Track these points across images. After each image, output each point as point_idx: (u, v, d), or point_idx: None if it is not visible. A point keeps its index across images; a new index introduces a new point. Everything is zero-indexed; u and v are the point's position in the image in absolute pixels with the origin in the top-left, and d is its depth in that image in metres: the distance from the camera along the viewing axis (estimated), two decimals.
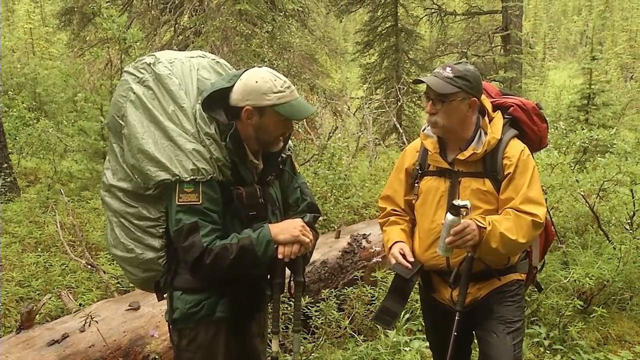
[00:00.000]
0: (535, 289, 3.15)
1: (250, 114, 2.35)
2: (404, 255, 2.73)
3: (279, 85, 2.34)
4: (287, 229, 2.36)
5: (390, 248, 2.80)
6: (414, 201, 2.84)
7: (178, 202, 2.28)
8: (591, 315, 4.69)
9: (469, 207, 2.49)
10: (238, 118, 2.36)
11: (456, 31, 20.67)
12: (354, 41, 22.06)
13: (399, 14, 17.88)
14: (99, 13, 8.54)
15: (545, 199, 2.83)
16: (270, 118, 2.35)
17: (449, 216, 2.52)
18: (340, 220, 6.13)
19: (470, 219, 2.56)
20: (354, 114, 13.02)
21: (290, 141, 2.64)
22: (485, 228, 2.53)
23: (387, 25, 18.21)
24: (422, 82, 2.64)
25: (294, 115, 2.36)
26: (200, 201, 2.27)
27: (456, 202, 2.50)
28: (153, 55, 2.59)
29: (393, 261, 2.73)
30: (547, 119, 2.90)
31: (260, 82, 2.33)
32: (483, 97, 2.74)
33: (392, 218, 2.90)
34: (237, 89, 2.36)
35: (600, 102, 11.47)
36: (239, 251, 2.27)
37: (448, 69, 2.61)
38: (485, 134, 2.67)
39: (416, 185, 2.82)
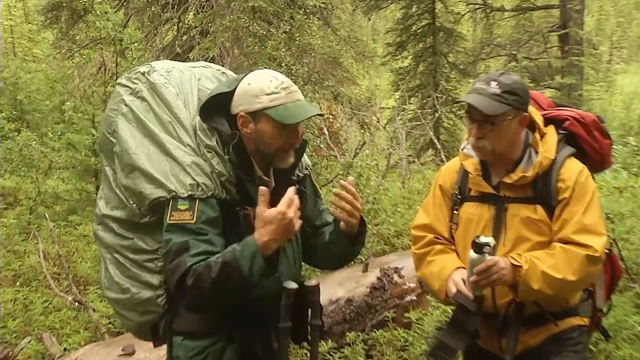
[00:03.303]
0: (602, 337, 3.11)
1: (244, 120, 2.36)
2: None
3: (273, 86, 2.34)
4: (272, 225, 2.20)
5: (449, 276, 2.75)
6: (452, 231, 2.85)
7: (169, 220, 2.28)
8: None
9: (492, 246, 2.51)
10: (240, 129, 2.39)
11: (504, 30, 20.67)
12: (384, 42, 22.11)
13: (436, 10, 17.92)
14: (91, 9, 8.67)
15: (612, 229, 2.81)
16: (265, 125, 2.35)
17: (472, 254, 2.54)
18: (369, 251, 6.13)
19: (510, 255, 2.58)
20: (384, 127, 13.02)
21: (307, 158, 2.67)
22: (521, 267, 2.54)
23: (423, 24, 18.25)
24: (466, 102, 2.63)
25: (287, 118, 2.32)
26: (194, 220, 2.26)
27: (479, 239, 2.51)
28: (148, 64, 2.67)
29: (454, 289, 2.67)
30: (611, 134, 2.89)
31: (253, 83, 2.37)
32: (532, 109, 2.74)
33: (439, 247, 2.88)
34: (234, 95, 2.40)
35: None
36: (222, 268, 2.19)
37: (493, 84, 2.61)
38: (536, 153, 2.68)
39: (455, 212, 2.83)
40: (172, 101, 2.48)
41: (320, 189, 8.46)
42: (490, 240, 2.51)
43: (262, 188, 2.25)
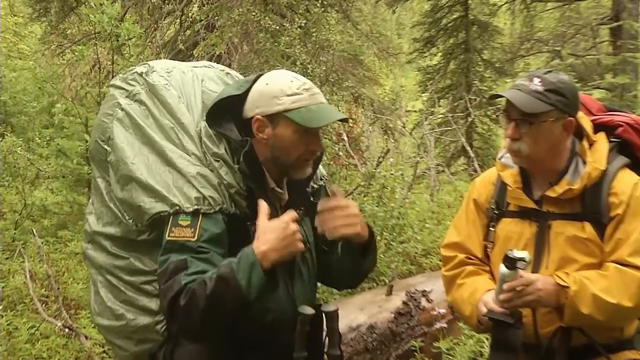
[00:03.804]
0: None
1: (260, 124, 2.37)
2: None
3: (295, 87, 2.36)
4: (271, 236, 2.22)
5: (480, 300, 2.73)
6: (488, 250, 2.85)
7: (168, 237, 2.28)
8: None
9: (527, 261, 2.49)
10: (252, 133, 2.40)
11: (547, 23, 20.59)
12: (410, 37, 22.12)
13: (470, 1, 17.92)
14: (84, 1, 8.75)
15: None
16: (285, 129, 2.36)
17: (502, 268, 2.53)
18: (393, 272, 6.14)
19: (556, 273, 2.57)
20: (410, 133, 13.03)
21: (323, 168, 2.69)
22: (569, 287, 2.53)
23: (454, 17, 18.25)
24: (501, 96, 2.66)
25: (311, 121, 2.34)
26: (196, 238, 2.26)
27: (512, 252, 2.50)
28: (146, 64, 2.70)
29: (484, 309, 2.67)
30: None
31: (271, 84, 2.38)
32: (580, 114, 2.74)
33: (470, 268, 2.88)
34: (249, 97, 2.42)
35: None
36: (217, 283, 2.17)
37: (536, 80, 2.61)
38: (584, 163, 2.67)
39: (491, 229, 2.84)
40: (174, 105, 2.50)
41: None
42: (525, 254, 2.50)
43: (260, 201, 2.28)
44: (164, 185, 2.34)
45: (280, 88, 2.35)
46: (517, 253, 2.50)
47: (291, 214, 2.26)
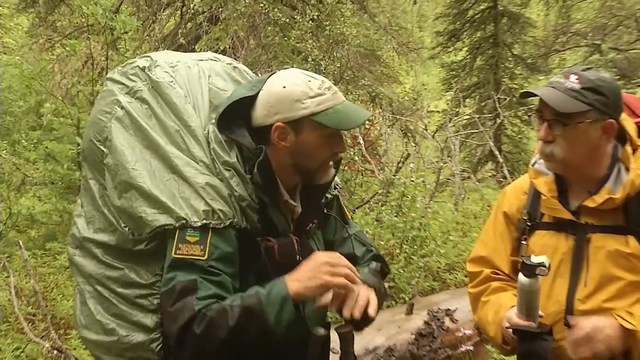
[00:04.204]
0: None
1: (282, 132, 2.37)
2: None
3: (316, 87, 2.36)
4: (310, 279, 2.26)
5: (503, 317, 2.72)
6: (519, 265, 2.84)
7: (175, 254, 2.27)
8: None
9: (547, 266, 2.48)
10: (267, 141, 2.39)
11: (585, 13, 20.57)
12: (433, 31, 22.19)
13: None
14: None
15: None
16: (310, 134, 2.37)
17: (521, 277, 2.52)
18: (414, 289, 6.12)
19: (617, 313, 2.54)
20: (433, 136, 13.05)
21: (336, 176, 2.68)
22: (637, 331, 2.50)
23: (481, 8, 18.28)
24: (534, 95, 2.65)
25: (343, 123, 2.36)
26: (206, 256, 2.25)
27: (529, 259, 2.49)
28: (148, 56, 2.67)
29: (506, 323, 2.65)
30: None
31: (289, 86, 2.37)
32: (623, 115, 2.72)
33: (495, 284, 2.88)
34: (261, 102, 2.41)
35: None
36: (242, 315, 2.18)
37: (573, 78, 2.60)
38: (627, 170, 2.65)
39: (524, 243, 2.82)
40: (180, 105, 2.48)
41: (354, 211, 8.52)
42: (544, 259, 2.48)
43: None
44: (169, 195, 2.32)
45: (301, 90, 2.34)
46: (535, 258, 2.49)
47: (329, 259, 2.28)
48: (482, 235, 3.02)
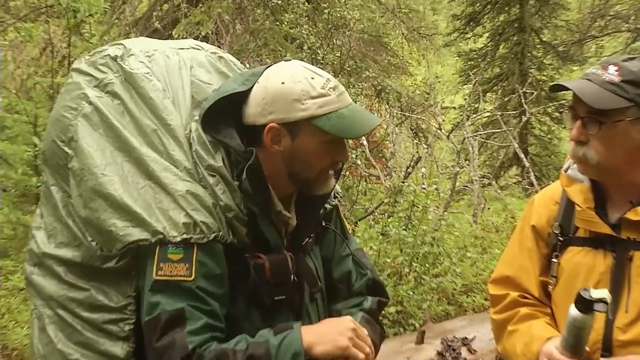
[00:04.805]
0: None
1: (276, 134, 2.38)
2: None
3: (319, 85, 2.36)
4: (328, 336, 2.31)
5: (539, 352, 2.69)
6: (550, 287, 2.84)
7: (156, 276, 2.26)
8: None
9: (608, 303, 2.44)
10: (259, 143, 2.40)
11: None
12: (448, 14, 22.23)
13: None
14: None
15: None
16: (308, 139, 2.38)
17: (574, 311, 2.48)
18: (425, 314, 6.13)
19: None
20: (447, 136, 13.07)
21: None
22: None
23: None
24: (566, 89, 2.64)
25: (347, 131, 2.36)
26: (193, 277, 2.25)
27: (587, 292, 2.45)
28: (120, 44, 2.68)
29: None
30: None
31: (289, 82, 2.37)
32: None
33: (524, 310, 2.88)
34: (254, 98, 2.40)
35: None
36: None
37: (612, 69, 2.59)
38: None
39: (554, 261, 2.82)
40: (157, 100, 2.48)
41: (356, 223, 8.50)
42: (605, 294, 2.44)
43: None
44: (144, 205, 2.32)
45: (302, 88, 2.35)
46: (595, 292, 2.44)
47: (355, 326, 2.35)
48: (506, 252, 3.02)
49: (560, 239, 2.81)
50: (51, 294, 2.49)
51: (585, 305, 2.44)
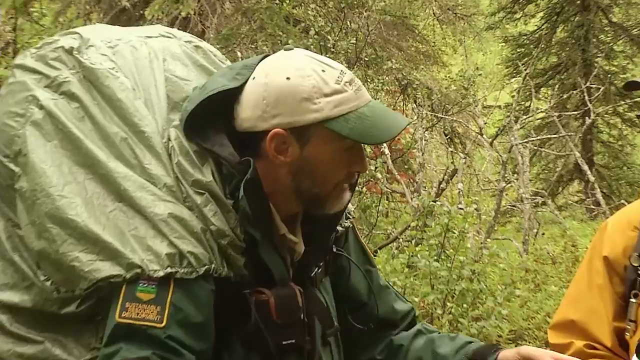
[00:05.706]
0: None
1: (282, 142, 2.36)
2: None
3: (332, 80, 2.35)
4: None
5: None
6: (627, 335, 2.82)
7: (119, 317, 2.21)
8: None
9: None
10: (257, 152, 2.38)
11: None
12: None
13: None
14: None
15: None
16: (322, 147, 2.37)
17: None
18: None
19: None
20: (491, 143, 13.08)
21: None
22: None
23: None
24: None
25: (369, 134, 2.37)
26: (164, 323, 2.20)
27: None
28: (74, 32, 2.65)
29: None
30: None
31: (295, 77, 2.35)
32: None
33: None
34: (251, 98, 2.38)
35: None
36: None
37: None
38: None
39: (633, 300, 2.80)
40: (126, 101, 2.44)
41: (376, 252, 8.50)
42: None
43: None
44: (115, 233, 2.26)
45: (312, 84, 2.32)
46: None
47: None
48: (570, 290, 3.02)
49: None
50: None
51: None
